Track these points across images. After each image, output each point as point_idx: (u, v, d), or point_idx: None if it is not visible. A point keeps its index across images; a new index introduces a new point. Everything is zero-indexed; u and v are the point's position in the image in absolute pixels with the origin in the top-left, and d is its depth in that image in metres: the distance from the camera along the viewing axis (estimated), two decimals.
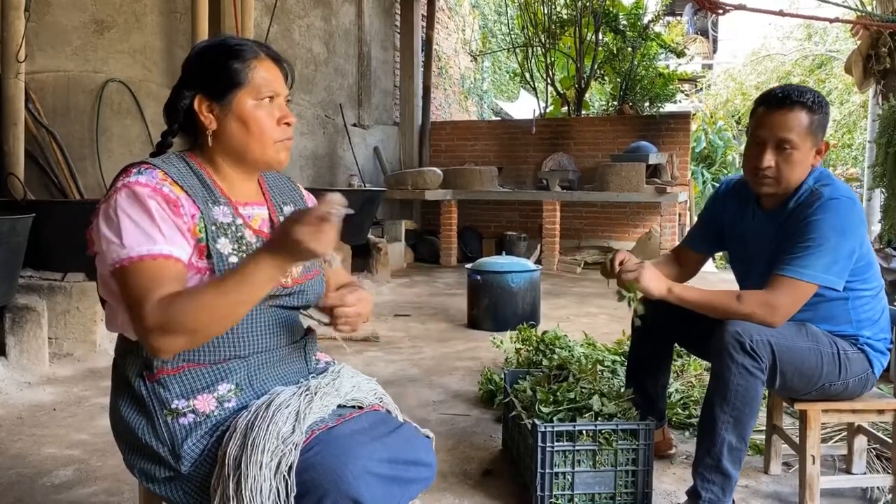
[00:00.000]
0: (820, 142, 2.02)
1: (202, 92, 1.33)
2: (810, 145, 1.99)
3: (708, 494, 1.94)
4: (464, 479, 2.34)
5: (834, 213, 1.93)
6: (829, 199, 1.95)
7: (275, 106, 1.35)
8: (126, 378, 1.31)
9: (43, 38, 4.48)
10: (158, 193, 1.24)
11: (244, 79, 1.32)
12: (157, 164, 1.30)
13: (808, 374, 1.98)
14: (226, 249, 1.29)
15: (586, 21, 9.63)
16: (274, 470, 1.18)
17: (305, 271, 1.42)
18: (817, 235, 1.92)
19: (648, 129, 8.33)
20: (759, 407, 1.96)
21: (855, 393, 2.08)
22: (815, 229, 1.92)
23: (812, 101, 1.97)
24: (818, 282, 1.92)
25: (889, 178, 5.73)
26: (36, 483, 2.29)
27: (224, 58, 1.33)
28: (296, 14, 7.02)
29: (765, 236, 2.12)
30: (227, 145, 1.35)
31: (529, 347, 3.41)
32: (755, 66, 16.06)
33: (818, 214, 1.93)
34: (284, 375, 1.38)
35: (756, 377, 1.90)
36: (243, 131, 1.33)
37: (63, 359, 3.61)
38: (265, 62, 1.36)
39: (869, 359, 2.05)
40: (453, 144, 9.23)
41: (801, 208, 2.00)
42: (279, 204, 1.48)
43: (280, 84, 1.37)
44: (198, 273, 1.26)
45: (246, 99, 1.32)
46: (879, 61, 6.63)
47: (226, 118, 1.33)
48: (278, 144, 1.36)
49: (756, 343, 1.89)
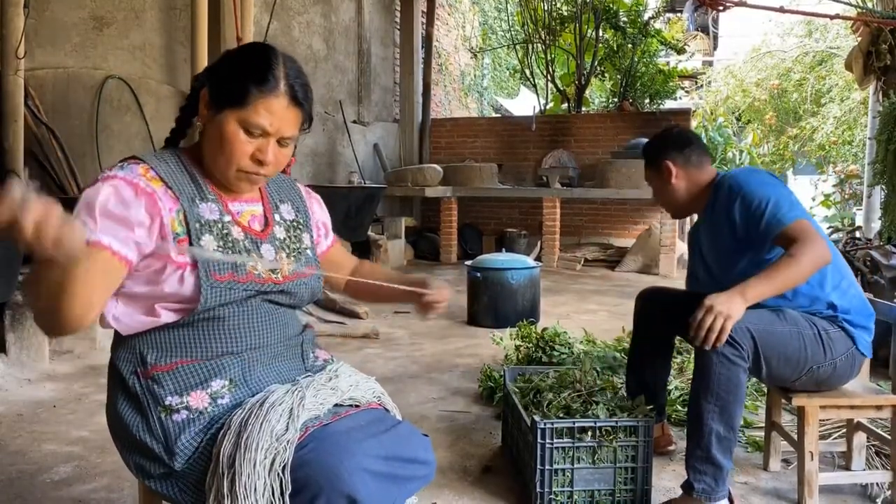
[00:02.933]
0: (661, 168, 2.31)
1: (210, 87, 1.32)
2: (652, 176, 2.37)
3: (700, 485, 1.96)
4: (463, 476, 2.34)
5: (746, 181, 2.12)
6: (736, 177, 2.16)
7: (259, 141, 1.30)
8: (121, 375, 1.31)
9: (42, 35, 4.47)
10: (130, 185, 1.25)
11: (247, 103, 1.27)
12: (143, 159, 1.31)
13: (793, 359, 2.00)
14: (210, 246, 1.29)
15: (586, 17, 9.62)
16: (268, 468, 1.17)
17: (298, 269, 1.41)
18: (757, 198, 2.06)
19: (649, 125, 8.32)
20: (745, 395, 1.99)
21: (845, 373, 2.08)
22: (749, 196, 2.08)
23: (643, 154, 2.38)
24: (805, 216, 2.02)
25: (889, 174, 5.72)
26: (36, 479, 2.29)
27: (248, 75, 1.28)
28: (295, 11, 7.01)
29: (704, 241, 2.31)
30: (204, 145, 1.35)
31: (529, 344, 3.41)
32: (756, 62, 16.02)
33: (743, 189, 2.10)
34: (280, 372, 1.37)
35: (738, 365, 1.92)
36: (216, 143, 1.30)
37: (63, 356, 3.61)
38: (281, 101, 1.28)
39: (851, 336, 2.06)
40: (453, 141, 9.23)
41: (721, 204, 2.18)
42: (275, 201, 1.47)
43: (285, 126, 1.30)
44: (178, 269, 1.26)
45: (233, 119, 1.27)
46: (880, 58, 6.62)
47: (212, 123, 1.31)
48: (240, 173, 1.32)
49: (735, 331, 1.90)
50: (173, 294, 1.26)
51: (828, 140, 13.82)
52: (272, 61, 1.29)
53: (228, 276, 1.29)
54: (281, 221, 1.44)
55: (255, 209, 1.42)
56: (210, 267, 1.27)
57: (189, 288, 1.26)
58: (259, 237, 1.38)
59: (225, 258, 1.29)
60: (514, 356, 3.43)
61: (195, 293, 1.26)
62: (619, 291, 6.18)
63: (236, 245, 1.33)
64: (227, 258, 1.30)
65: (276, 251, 1.39)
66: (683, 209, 2.37)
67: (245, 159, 1.30)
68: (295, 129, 1.33)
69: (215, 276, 1.27)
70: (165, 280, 1.25)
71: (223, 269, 1.28)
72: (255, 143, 1.29)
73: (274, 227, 1.42)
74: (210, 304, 1.27)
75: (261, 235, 1.38)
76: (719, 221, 2.18)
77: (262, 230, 1.40)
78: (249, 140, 1.29)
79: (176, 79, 5.42)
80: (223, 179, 1.34)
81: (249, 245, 1.35)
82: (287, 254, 1.41)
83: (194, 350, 1.30)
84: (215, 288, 1.26)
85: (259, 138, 1.29)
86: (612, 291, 6.24)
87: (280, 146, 1.32)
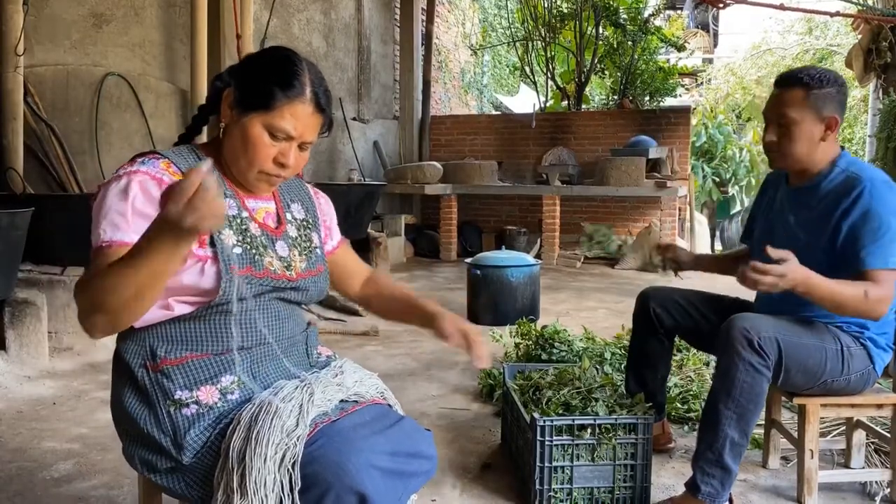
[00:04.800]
0: (827, 117, 2.02)
1: (235, 89, 1.33)
2: (812, 120, 2.01)
3: (707, 488, 1.95)
4: (463, 473, 2.35)
5: (882, 197, 1.94)
6: (873, 182, 1.96)
7: (282, 144, 1.32)
8: (128, 368, 1.32)
9: (42, 32, 4.47)
10: (154, 180, 1.26)
11: (273, 107, 1.29)
12: (164, 155, 1.33)
13: (811, 371, 1.99)
14: (230, 241, 1.31)
15: (586, 15, 9.60)
16: (278, 463, 1.18)
17: (310, 267, 1.45)
18: (880, 223, 1.92)
19: (648, 123, 8.31)
20: (763, 404, 1.97)
21: (856, 389, 2.09)
22: (875, 217, 1.92)
23: (810, 78, 2.01)
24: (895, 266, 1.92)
25: (889, 172, 5.72)
26: (36, 476, 2.29)
27: (274, 79, 1.30)
28: (295, 8, 7.00)
29: (792, 210, 2.14)
30: (226, 146, 1.36)
31: (529, 342, 3.41)
32: (756, 60, 16.03)
33: (873, 202, 1.94)
34: (287, 368, 1.39)
35: (762, 374, 1.90)
36: (239, 145, 1.32)
37: (63, 353, 3.61)
38: (306, 107, 1.31)
39: (870, 355, 2.05)
40: (453, 139, 9.22)
41: (837, 194, 2.01)
42: (286, 200, 1.50)
43: (307, 130, 1.33)
44: (199, 261, 1.27)
45: (258, 123, 1.30)
46: (880, 55, 6.62)
47: (235, 125, 1.33)
48: (262, 175, 1.34)
49: (764, 340, 1.89)
50: (191, 287, 1.27)
51: None
52: (298, 67, 1.32)
53: (247, 269, 1.31)
54: (292, 220, 1.48)
55: (269, 207, 1.45)
56: (230, 260, 1.29)
57: (209, 280, 1.27)
58: (274, 234, 1.41)
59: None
60: (514, 353, 3.44)
61: (214, 285, 1.27)
62: (618, 289, 6.18)
63: (254, 240, 1.35)
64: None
65: (289, 249, 1.42)
66: (796, 165, 2.08)
67: (268, 162, 1.32)
68: (316, 134, 1.36)
69: (234, 268, 1.29)
70: (185, 272, 1.26)
71: (242, 262, 1.31)
72: (278, 147, 1.32)
73: (287, 226, 1.45)
74: (227, 296, 1.28)
75: (275, 232, 1.41)
76: (827, 212, 2.01)
77: (276, 227, 1.43)
78: (273, 143, 1.31)
79: (175, 76, 5.42)
80: (242, 180, 1.37)
81: (266, 241, 1.38)
82: (299, 252, 1.44)
83: (204, 344, 1.31)
84: (234, 280, 1.28)
85: (282, 142, 1.32)
86: (611, 289, 6.24)
87: (300, 150, 1.35)
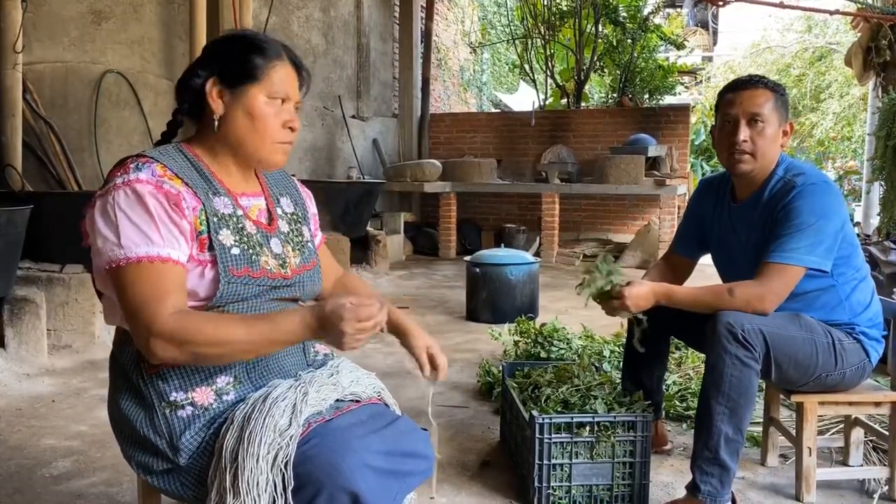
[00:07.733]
0: (785, 122, 2.09)
1: (217, 76, 1.33)
2: (777, 122, 2.06)
3: (707, 487, 1.95)
4: (462, 471, 2.35)
5: (811, 197, 1.97)
6: (804, 185, 1.99)
7: (284, 108, 1.36)
8: (124, 370, 1.31)
9: (40, 29, 4.46)
10: (160, 191, 1.24)
11: (262, 75, 1.33)
12: (155, 158, 1.29)
13: (803, 365, 1.99)
14: (228, 241, 1.30)
15: (586, 13, 9.59)
16: (270, 463, 1.18)
17: (304, 262, 1.43)
18: (799, 220, 1.96)
19: (648, 121, 8.31)
20: (755, 397, 1.97)
21: (852, 383, 2.09)
22: (797, 215, 1.96)
23: (773, 84, 2.09)
24: (804, 264, 1.94)
25: (888, 170, 5.73)
26: (35, 474, 2.29)
27: (248, 50, 1.34)
28: (294, 5, 6.99)
29: (740, 228, 2.16)
30: (228, 134, 1.35)
31: (528, 340, 3.41)
32: (755, 58, 16.01)
33: (797, 201, 1.98)
34: (283, 368, 1.38)
35: (750, 367, 1.91)
36: (247, 125, 1.33)
37: (62, 350, 3.61)
38: (286, 65, 1.38)
39: (865, 348, 2.06)
40: (452, 137, 9.21)
41: (776, 199, 2.03)
42: (276, 195, 1.49)
43: (294, 89, 1.39)
44: (199, 265, 1.27)
45: (258, 94, 1.33)
46: (879, 54, 6.61)
47: (234, 108, 1.33)
48: (277, 146, 1.36)
49: (748, 332, 1.90)
50: (190, 291, 1.26)
51: (827, 136, 13.83)
52: (259, 36, 1.38)
53: (245, 270, 1.30)
54: (283, 215, 1.47)
55: (260, 203, 1.44)
56: (227, 262, 1.28)
57: (207, 283, 1.27)
58: (268, 231, 1.40)
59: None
60: (513, 351, 3.44)
61: (212, 288, 1.27)
62: None
63: (250, 239, 1.34)
64: None
65: (283, 245, 1.41)
66: (760, 171, 2.08)
67: (279, 130, 1.36)
68: (300, 93, 1.42)
69: (232, 271, 1.28)
70: (187, 276, 1.26)
71: (239, 264, 1.30)
72: (282, 111, 1.36)
73: (278, 221, 1.44)
74: (225, 298, 1.27)
75: (269, 229, 1.40)
76: (767, 224, 2.03)
77: (269, 224, 1.42)
78: (276, 111, 1.35)
79: (174, 73, 5.40)
80: (259, 158, 1.38)
81: (261, 239, 1.37)
82: (292, 247, 1.43)
83: None
84: (232, 283, 1.28)
85: (282, 106, 1.36)
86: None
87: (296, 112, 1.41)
